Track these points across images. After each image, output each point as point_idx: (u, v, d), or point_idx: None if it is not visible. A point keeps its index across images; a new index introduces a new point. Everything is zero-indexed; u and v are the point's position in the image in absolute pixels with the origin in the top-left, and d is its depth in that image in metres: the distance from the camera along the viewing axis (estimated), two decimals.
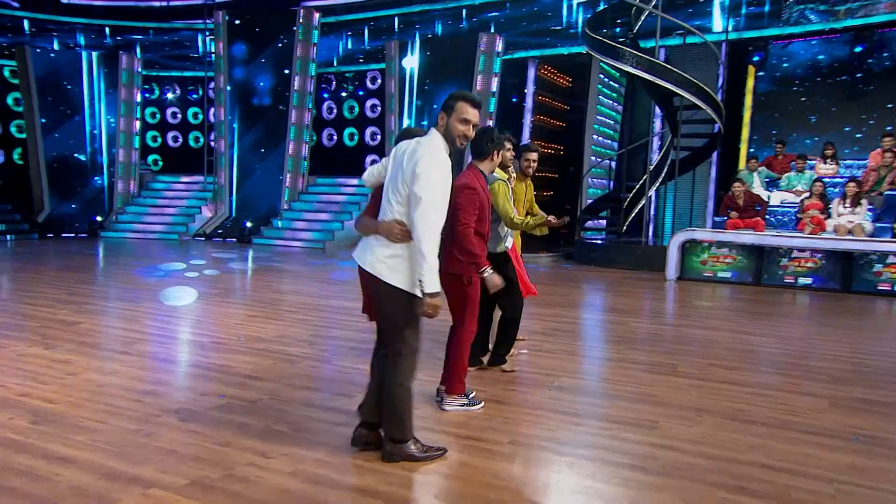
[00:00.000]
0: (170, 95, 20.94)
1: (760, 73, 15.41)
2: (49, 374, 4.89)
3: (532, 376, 5.20)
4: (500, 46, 15.76)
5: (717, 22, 15.04)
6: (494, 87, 15.74)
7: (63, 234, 17.99)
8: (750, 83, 15.35)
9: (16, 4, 20.94)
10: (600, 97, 16.05)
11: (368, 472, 3.28)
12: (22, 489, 3.03)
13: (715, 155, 14.68)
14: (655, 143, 15.12)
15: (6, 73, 19.45)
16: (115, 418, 3.96)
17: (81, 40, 21.01)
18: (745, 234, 10.44)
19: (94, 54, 19.60)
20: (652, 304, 8.97)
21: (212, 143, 19.13)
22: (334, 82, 19.66)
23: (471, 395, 4.41)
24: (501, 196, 4.94)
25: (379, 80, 18.45)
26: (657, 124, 15.07)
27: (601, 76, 15.81)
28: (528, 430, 3.98)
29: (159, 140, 21.37)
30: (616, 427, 4.01)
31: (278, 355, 5.69)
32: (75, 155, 19.15)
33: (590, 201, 14.85)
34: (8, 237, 16.65)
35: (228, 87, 18.12)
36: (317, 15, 18.12)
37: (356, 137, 19.39)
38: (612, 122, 16.60)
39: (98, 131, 19.29)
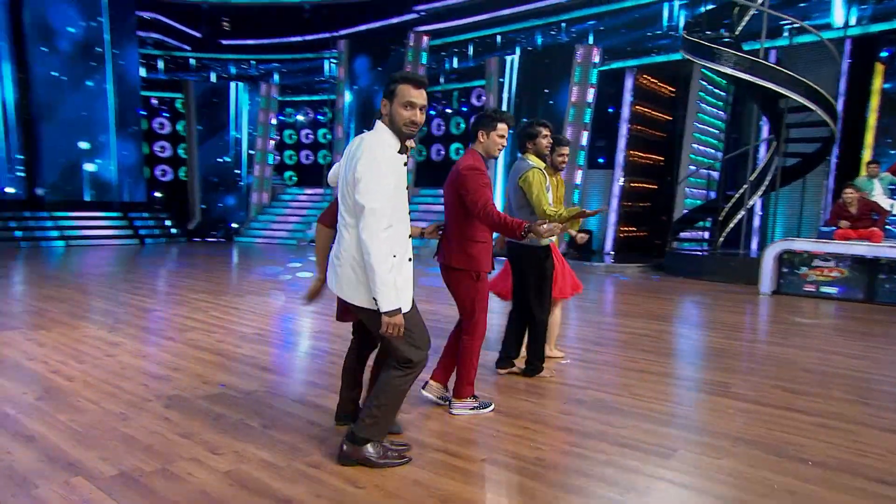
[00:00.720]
0: (300, 118, 21.92)
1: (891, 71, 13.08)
2: (90, 354, 4.88)
3: (555, 387, 4.42)
4: (596, 58, 14.74)
5: (839, 16, 13.00)
6: (590, 97, 14.72)
7: (207, 239, 19.28)
8: (877, 82, 13.07)
9: (187, 48, 23.01)
10: (702, 105, 14.49)
11: (306, 479, 2.77)
12: None
13: (833, 162, 12.66)
14: (762, 150, 13.31)
15: (178, 105, 21.28)
16: (109, 400, 3.76)
17: (233, 70, 22.64)
18: (855, 245, 8.70)
19: (241, 84, 20.97)
20: (731, 318, 7.63)
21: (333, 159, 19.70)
22: (444, 100, 19.51)
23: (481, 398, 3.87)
24: (536, 185, 4.23)
25: (484, 97, 18.03)
26: (764, 131, 13.27)
27: (703, 83, 14.27)
28: (514, 447, 3.25)
29: (294, 158, 22.49)
30: (622, 452, 3.18)
31: (308, 350, 5.35)
32: (221, 172, 20.53)
33: (685, 212, 13.36)
34: (159, 240, 18.09)
35: (347, 108, 18.53)
36: (426, 38, 18.10)
37: (461, 152, 19.14)
38: (715, 132, 14.89)
39: (240, 150, 20.58)
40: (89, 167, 17.70)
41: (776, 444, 3.35)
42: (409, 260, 2.88)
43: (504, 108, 15.89)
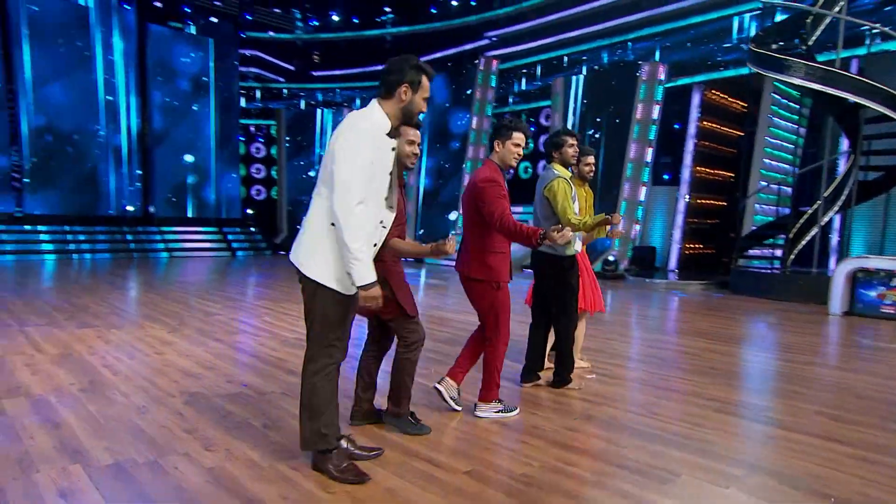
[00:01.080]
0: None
1: None
2: (143, 351, 5.13)
3: (570, 401, 4.14)
4: (662, 75, 14.11)
5: None
6: (655, 114, 14.08)
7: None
8: None
9: (281, 79, 24.32)
10: (775, 119, 13.46)
11: (282, 481, 2.73)
12: None
13: None
14: (842, 164, 12.16)
15: (272, 131, 22.47)
16: (138, 394, 3.91)
17: (319, 97, 23.65)
18: None
19: (326, 111, 21.86)
20: (790, 338, 6.88)
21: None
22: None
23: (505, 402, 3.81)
24: (561, 193, 4.12)
25: (550, 117, 17.75)
26: (844, 144, 12.13)
27: (775, 96, 13.26)
28: (504, 461, 3.06)
29: None
30: (617, 473, 2.92)
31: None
32: (308, 189, 21.42)
33: (753, 228, 12.39)
34: (249, 253, 19.03)
35: (426, 135, 18.81)
36: (495, 63, 18.09)
37: (530, 171, 18.93)
38: (789, 146, 13.75)
39: None
40: (193, 187, 19.02)
41: (797, 476, 2.95)
42: (374, 245, 2.73)
43: (570, 126, 15.52)
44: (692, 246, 13.81)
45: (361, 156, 2.53)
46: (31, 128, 15.91)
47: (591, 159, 4.89)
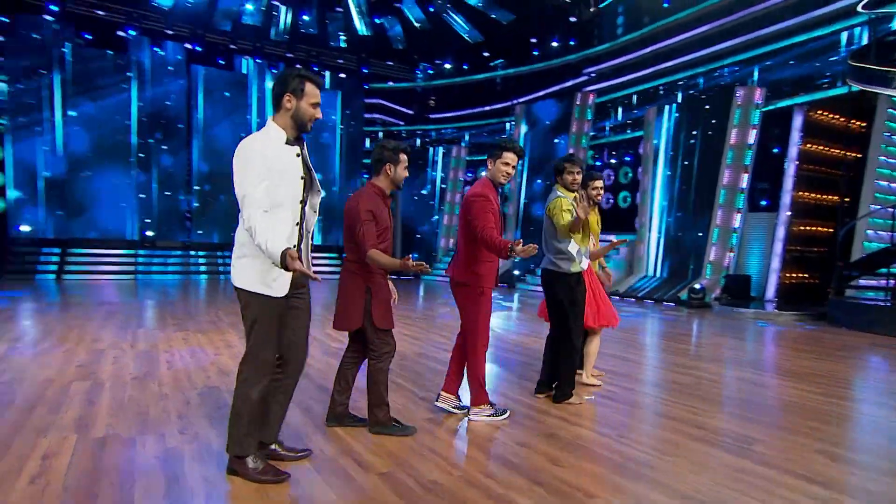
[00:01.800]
0: (483, 172, 22.77)
1: None
2: (205, 352, 5.69)
3: (546, 417, 3.90)
4: (759, 98, 12.83)
5: None
6: (752, 139, 12.79)
7: (402, 277, 20.87)
8: None
9: (401, 122, 25.76)
10: (894, 137, 11.58)
11: (214, 467, 2.88)
12: (49, 398, 3.60)
13: None
14: None
15: None
16: (170, 385, 4.36)
17: (434, 135, 24.66)
18: None
19: (438, 147, 22.73)
20: (857, 374, 5.73)
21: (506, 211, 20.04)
22: (613, 152, 18.68)
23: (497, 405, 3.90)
24: (558, 207, 4.14)
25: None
26: None
27: (893, 112, 11.43)
28: (424, 467, 2.99)
29: None
30: (528, 490, 2.75)
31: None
32: (418, 221, 22.28)
33: (863, 256, 10.61)
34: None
35: (525, 165, 18.79)
36: (592, 97, 17.66)
37: (629, 200, 18.02)
38: None
39: (436, 202, 22.15)
40: (320, 219, 20.69)
41: None
42: (293, 246, 2.71)
43: (661, 154, 14.60)
44: (794, 275, 12.15)
45: (254, 170, 2.55)
46: (200, 168, 18.45)
47: (598, 183, 4.85)
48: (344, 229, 3.48)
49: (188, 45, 18.69)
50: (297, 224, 2.75)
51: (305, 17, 19.82)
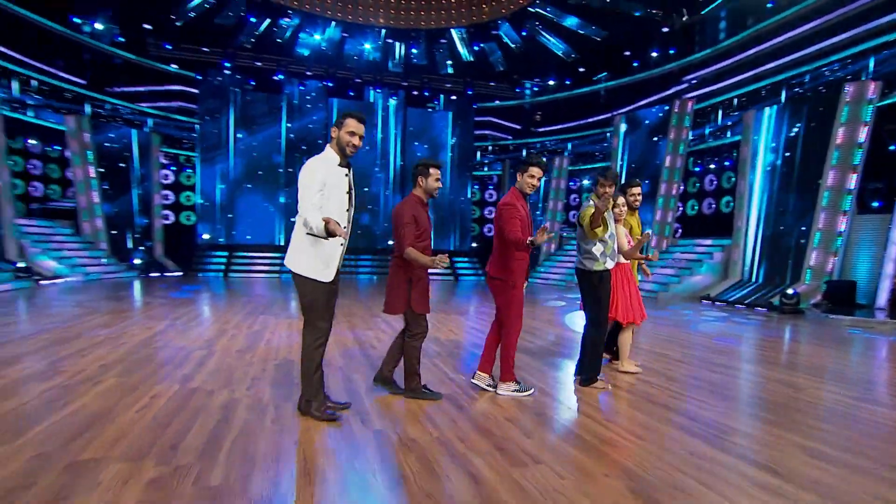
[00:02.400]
0: (586, 181, 22.24)
1: None
2: (275, 337, 6.37)
3: (552, 403, 4.07)
4: (873, 93, 11.24)
5: None
6: (862, 137, 11.24)
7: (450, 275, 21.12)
8: None
9: (510, 137, 26.03)
10: None
11: (260, 414, 3.56)
12: (175, 360, 4.60)
13: None
14: None
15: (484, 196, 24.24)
16: (258, 357, 5.19)
17: (538, 146, 24.60)
18: None
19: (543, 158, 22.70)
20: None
21: None
22: (715, 157, 17.32)
23: (522, 383, 4.28)
24: (583, 211, 4.38)
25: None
26: None
27: None
28: (413, 427, 3.40)
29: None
30: (474, 449, 3.04)
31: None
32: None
33: None
34: (469, 279, 20.65)
35: (624, 172, 18.20)
36: (690, 104, 16.58)
37: (731, 204, 16.58)
38: None
39: (539, 209, 22.12)
40: (434, 225, 21.67)
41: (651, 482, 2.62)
42: (341, 245, 3.35)
43: (759, 157, 13.33)
44: None
45: (312, 180, 3.17)
46: None
47: (636, 190, 5.07)
48: (392, 230, 3.98)
49: (325, 83, 20.81)
50: (344, 227, 3.33)
51: (414, 51, 21.05)
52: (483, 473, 2.73)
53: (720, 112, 16.74)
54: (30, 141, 16.67)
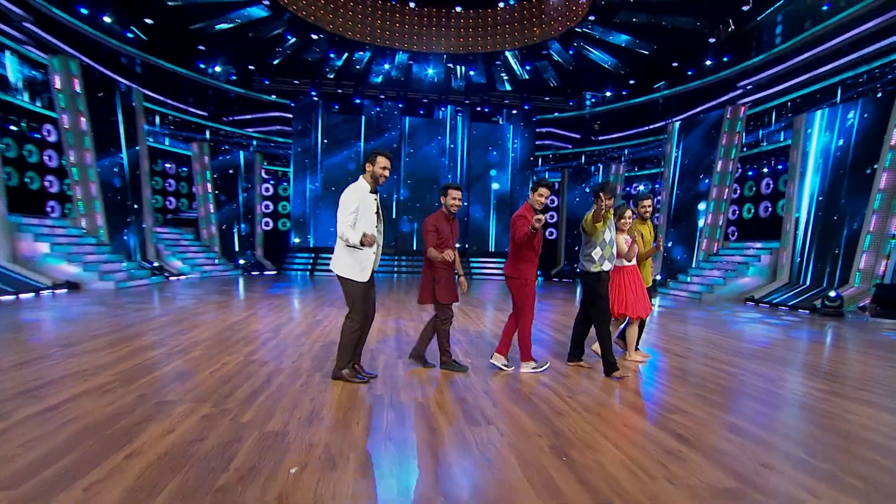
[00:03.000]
0: (641, 188, 21.62)
1: None
2: (332, 324, 7.35)
3: (531, 381, 4.53)
4: None
5: None
6: None
7: (564, 280, 21.08)
8: None
9: (570, 146, 25.86)
10: None
11: (301, 379, 4.37)
12: (247, 339, 5.58)
13: None
14: None
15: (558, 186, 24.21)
16: (327, 339, 6.08)
17: (596, 153, 24.25)
18: None
19: (599, 164, 22.41)
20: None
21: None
22: (768, 161, 16.30)
23: (538, 361, 4.97)
24: (587, 215, 4.80)
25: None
26: None
27: None
28: (413, 390, 4.01)
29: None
30: (444, 414, 3.59)
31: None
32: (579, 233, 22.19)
33: None
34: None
35: (671, 177, 17.64)
36: (743, 109, 15.77)
37: (769, 209, 15.58)
38: None
39: None
40: (491, 228, 22.16)
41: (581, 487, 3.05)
42: (374, 253, 4.07)
43: (811, 160, 12.49)
44: None
45: (349, 203, 3.93)
46: (403, 193, 21.58)
47: (647, 202, 5.45)
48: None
49: (397, 104, 22.01)
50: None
51: (472, 72, 21.64)
52: (442, 427, 3.31)
53: (773, 116, 15.76)
54: (166, 164, 19.29)
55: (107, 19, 17.36)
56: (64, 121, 13.13)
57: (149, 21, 18.29)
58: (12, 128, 12.04)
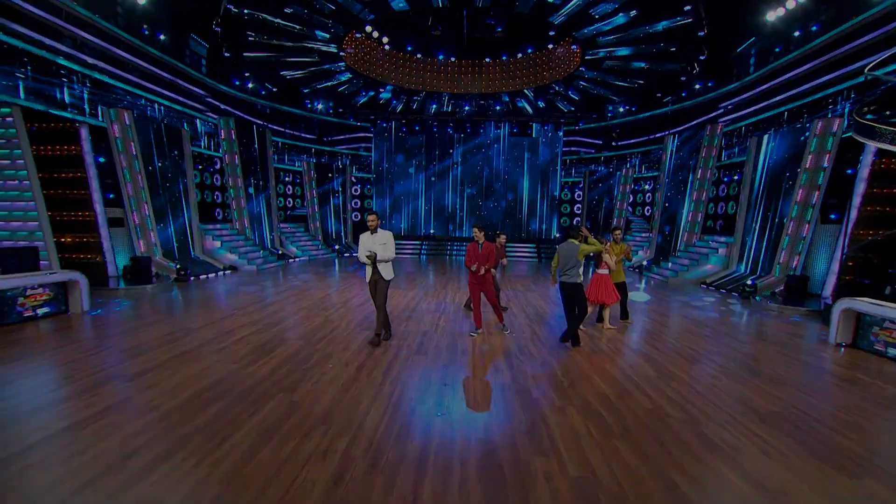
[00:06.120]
0: (647, 187, 22.61)
1: None
2: (410, 301, 10.46)
3: (516, 352, 7.29)
4: (836, 128, 11.19)
5: None
6: (826, 162, 11.30)
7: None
8: None
9: (592, 151, 26.99)
10: None
11: (357, 342, 7.60)
12: (321, 307, 8.89)
13: None
14: None
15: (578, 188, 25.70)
16: (371, 314, 9.26)
17: (613, 159, 25.32)
18: None
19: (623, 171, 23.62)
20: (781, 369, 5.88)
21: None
22: (733, 170, 17.06)
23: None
24: (582, 247, 6.19)
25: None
26: None
27: None
28: (411, 333, 7.05)
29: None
30: (423, 360, 6.57)
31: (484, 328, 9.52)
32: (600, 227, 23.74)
33: None
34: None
35: (664, 185, 18.85)
36: (720, 127, 16.67)
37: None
38: None
39: (612, 211, 23.22)
40: (525, 221, 24.34)
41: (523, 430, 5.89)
42: (368, 266, 6.80)
43: (758, 173, 13.55)
44: None
45: (361, 241, 6.58)
46: (466, 191, 24.41)
47: (617, 232, 7.64)
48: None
49: (447, 129, 24.66)
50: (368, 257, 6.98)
51: (497, 107, 23.41)
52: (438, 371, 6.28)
53: (741, 135, 16.50)
54: (285, 177, 23.69)
55: (249, 85, 21.76)
56: (225, 158, 17.50)
57: (273, 88, 22.57)
58: (199, 165, 16.50)
